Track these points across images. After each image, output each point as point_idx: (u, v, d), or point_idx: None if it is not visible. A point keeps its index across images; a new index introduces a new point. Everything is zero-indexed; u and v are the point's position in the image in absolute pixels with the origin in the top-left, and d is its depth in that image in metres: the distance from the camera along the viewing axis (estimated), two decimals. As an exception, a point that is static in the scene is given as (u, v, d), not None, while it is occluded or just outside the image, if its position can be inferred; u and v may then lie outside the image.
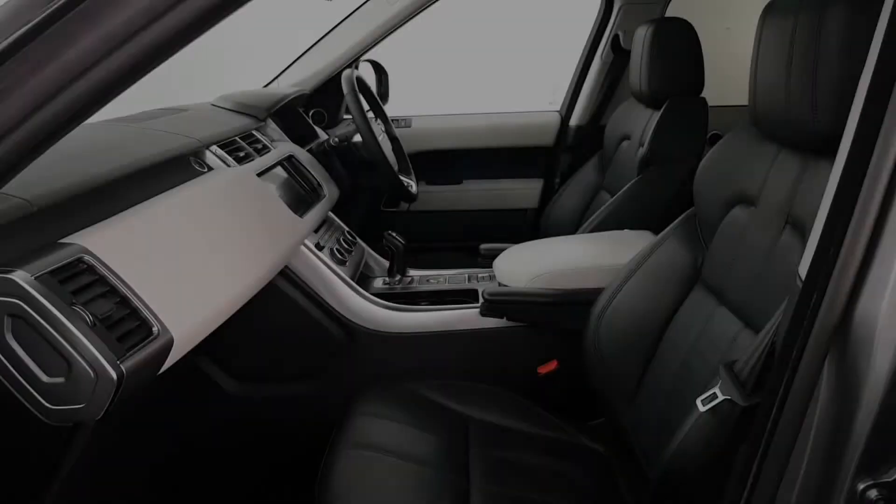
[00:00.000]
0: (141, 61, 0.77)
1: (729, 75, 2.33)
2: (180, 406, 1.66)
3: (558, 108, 2.95)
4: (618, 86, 2.81)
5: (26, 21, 0.73)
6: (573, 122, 2.88)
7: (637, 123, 2.31)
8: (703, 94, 2.17)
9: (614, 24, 2.75)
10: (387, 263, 2.05)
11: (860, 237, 0.73)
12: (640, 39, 2.19)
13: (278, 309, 1.64)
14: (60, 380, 0.85)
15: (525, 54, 4.18)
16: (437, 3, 2.43)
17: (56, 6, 0.73)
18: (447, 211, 2.87)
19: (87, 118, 0.81)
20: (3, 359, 0.85)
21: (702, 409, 0.98)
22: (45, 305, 0.83)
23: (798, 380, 0.77)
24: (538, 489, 1.32)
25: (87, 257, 0.93)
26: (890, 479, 0.72)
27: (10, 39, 0.73)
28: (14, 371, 0.85)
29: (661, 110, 2.13)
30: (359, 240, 2.04)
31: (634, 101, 2.40)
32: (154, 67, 0.79)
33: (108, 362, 0.85)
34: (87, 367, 0.85)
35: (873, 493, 0.72)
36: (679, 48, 2.12)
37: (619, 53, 2.74)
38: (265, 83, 2.46)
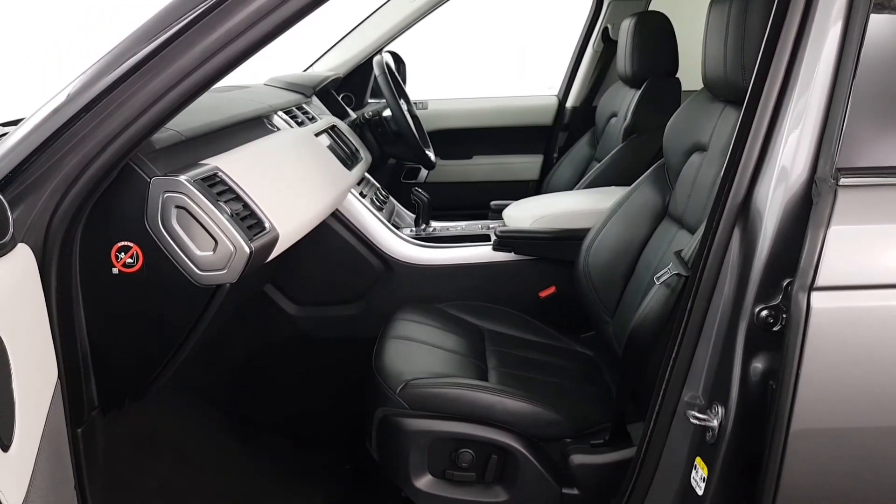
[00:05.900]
0: (272, 31, 1.14)
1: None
2: (253, 324, 2.03)
3: (556, 92, 3.32)
4: (608, 71, 3.17)
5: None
6: (569, 103, 3.25)
7: (623, 102, 2.67)
8: (678, 77, 2.53)
9: (604, 18, 3.12)
10: (411, 219, 2.41)
11: (755, 145, 1.10)
12: (625, 30, 2.54)
13: (330, 245, 2.00)
14: (209, 253, 1.21)
15: (527, 49, 4.55)
16: (450, 2, 2.80)
17: None
18: (458, 183, 3.22)
19: (231, 72, 1.17)
20: (170, 239, 1.21)
21: (657, 283, 1.36)
22: (201, 199, 1.20)
23: (715, 245, 1.14)
24: (540, 373, 1.70)
25: (219, 173, 1.30)
26: (776, 302, 1.08)
27: (195, 13, 1.09)
28: (177, 247, 1.22)
29: (641, 89, 2.50)
30: (390, 196, 2.42)
31: (621, 83, 2.76)
32: (280, 35, 1.16)
33: (243, 241, 1.22)
34: (229, 244, 1.21)
35: (764, 313, 1.08)
36: (656, 37, 2.47)
37: (609, 43, 3.10)
38: (304, 68, 2.84)
